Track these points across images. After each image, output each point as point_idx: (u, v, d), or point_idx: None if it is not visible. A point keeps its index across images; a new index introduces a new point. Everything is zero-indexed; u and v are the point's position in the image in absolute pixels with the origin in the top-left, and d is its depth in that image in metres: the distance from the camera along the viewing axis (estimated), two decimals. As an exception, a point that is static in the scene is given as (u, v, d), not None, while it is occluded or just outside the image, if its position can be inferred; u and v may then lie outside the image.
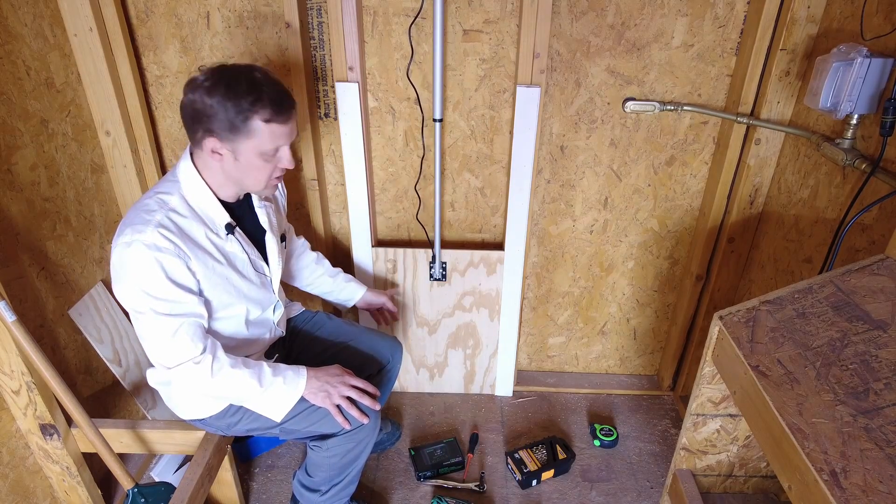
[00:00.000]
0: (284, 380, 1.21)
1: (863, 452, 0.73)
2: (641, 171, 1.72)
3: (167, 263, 1.07)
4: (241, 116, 1.06)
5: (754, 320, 1.01)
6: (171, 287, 1.08)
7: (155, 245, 1.05)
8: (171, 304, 1.09)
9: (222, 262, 1.18)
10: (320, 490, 1.38)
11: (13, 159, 1.34)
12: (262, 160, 1.12)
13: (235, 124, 1.06)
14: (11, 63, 1.32)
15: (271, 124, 1.08)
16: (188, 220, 1.13)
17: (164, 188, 1.15)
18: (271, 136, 1.10)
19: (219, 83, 1.05)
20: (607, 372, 2.14)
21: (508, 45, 1.56)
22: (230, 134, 1.07)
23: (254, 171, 1.14)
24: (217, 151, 1.10)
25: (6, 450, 1.31)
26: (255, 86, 1.06)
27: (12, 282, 1.32)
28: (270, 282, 1.32)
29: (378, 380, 1.57)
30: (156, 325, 1.09)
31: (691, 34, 1.52)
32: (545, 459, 1.74)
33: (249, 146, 1.09)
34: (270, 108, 1.07)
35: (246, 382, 1.16)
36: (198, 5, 1.53)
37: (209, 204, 1.16)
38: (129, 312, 1.12)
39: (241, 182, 1.17)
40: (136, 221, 1.08)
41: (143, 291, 1.07)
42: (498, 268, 1.79)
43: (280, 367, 1.23)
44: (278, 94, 1.09)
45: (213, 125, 1.07)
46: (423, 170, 1.73)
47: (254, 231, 1.28)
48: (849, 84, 1.15)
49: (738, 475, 1.27)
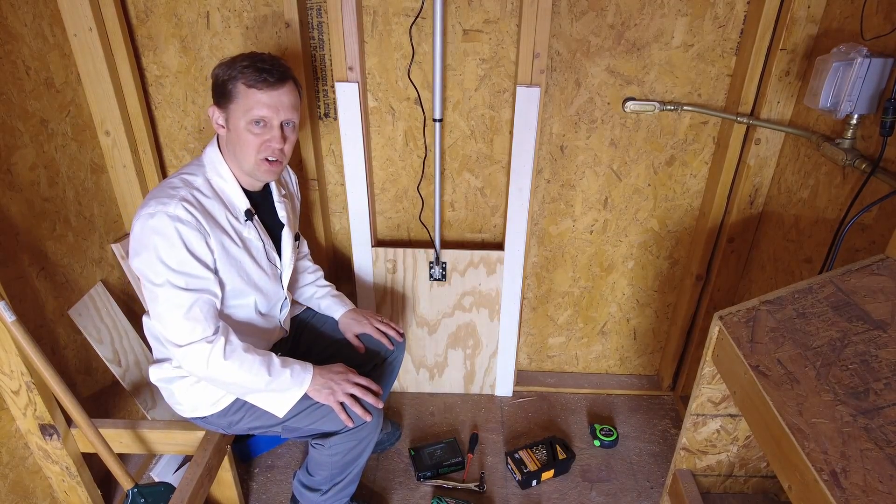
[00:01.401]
0: (292, 373, 1.22)
1: (863, 452, 0.73)
2: (641, 171, 1.72)
3: (188, 235, 1.10)
4: (230, 81, 1.14)
5: (754, 320, 1.01)
6: (190, 260, 1.11)
7: (178, 216, 1.09)
8: (188, 278, 1.11)
9: (239, 245, 1.21)
10: (321, 489, 1.38)
11: (13, 159, 1.34)
12: (247, 130, 1.16)
13: (225, 88, 1.15)
14: (11, 63, 1.32)
15: (251, 89, 1.14)
16: (211, 200, 1.17)
17: (190, 170, 1.20)
18: (254, 102, 1.14)
19: (232, 58, 1.16)
20: (607, 372, 2.14)
21: (508, 45, 1.56)
22: (223, 100, 1.16)
23: (241, 141, 1.18)
24: (219, 123, 1.18)
25: (6, 450, 1.31)
26: (252, 56, 1.16)
27: (12, 282, 1.33)
28: (281, 275, 1.34)
29: (381, 371, 1.58)
30: (171, 299, 1.11)
31: (691, 34, 1.52)
32: (545, 459, 1.74)
33: (235, 111, 1.16)
34: (254, 74, 1.13)
35: (256, 369, 1.18)
36: (197, 5, 1.53)
37: (232, 188, 1.21)
38: (145, 288, 1.14)
39: (237, 157, 1.20)
40: (161, 195, 1.12)
41: (161, 262, 1.09)
42: (498, 268, 1.79)
43: (288, 360, 1.25)
44: (270, 64, 1.15)
45: (215, 93, 1.17)
46: (424, 170, 1.73)
47: (271, 224, 1.32)
48: (849, 84, 1.15)
49: (738, 475, 1.27)
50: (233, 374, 1.17)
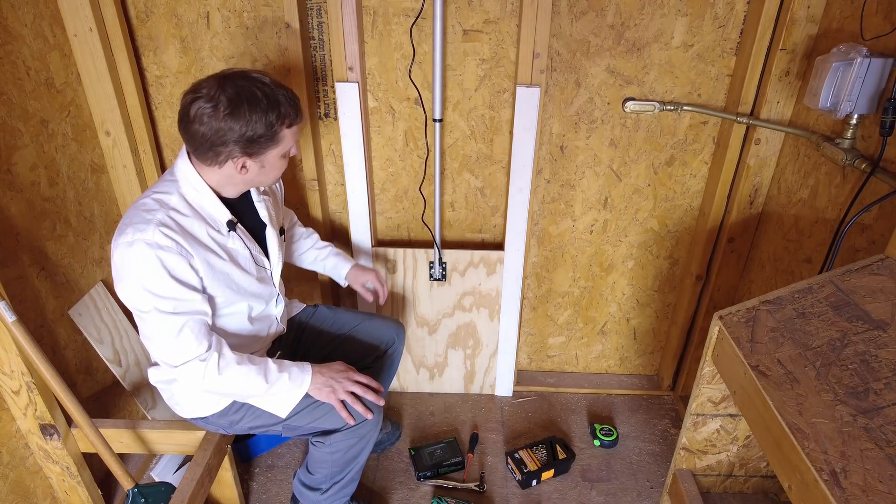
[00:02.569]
0: (290, 376, 1.22)
1: (863, 452, 0.73)
2: (641, 171, 1.72)
3: (169, 261, 1.07)
4: (270, 132, 1.11)
5: (754, 320, 1.01)
6: (175, 285, 1.08)
7: (157, 244, 1.05)
8: (175, 303, 1.09)
9: (224, 259, 1.19)
10: (321, 488, 1.39)
11: (13, 159, 1.34)
12: (284, 159, 1.19)
13: (265, 139, 1.11)
14: (11, 63, 1.32)
15: (293, 127, 1.15)
16: (189, 218, 1.13)
17: (162, 188, 1.15)
18: (293, 137, 1.17)
19: (239, 106, 1.06)
20: (607, 372, 2.14)
21: (508, 46, 1.56)
22: (259, 149, 1.12)
23: (275, 170, 1.19)
24: (245, 167, 1.14)
25: (6, 450, 1.31)
26: (272, 97, 1.09)
27: (12, 282, 1.33)
28: (271, 275, 1.33)
29: (382, 363, 1.58)
30: (160, 324, 1.09)
31: (691, 34, 1.52)
32: (545, 459, 1.74)
33: (275, 152, 1.15)
34: (293, 113, 1.13)
35: (252, 379, 1.17)
36: (198, 5, 1.53)
37: (210, 203, 1.17)
38: (133, 312, 1.12)
39: (257, 183, 1.21)
40: (137, 221, 1.08)
41: (146, 290, 1.07)
42: (498, 268, 1.79)
43: (285, 364, 1.23)
44: (292, 96, 1.14)
45: (242, 146, 1.10)
46: (425, 170, 1.73)
47: (254, 226, 1.29)
48: (848, 84, 1.15)
49: (738, 475, 1.27)
50: (230, 387, 1.17)
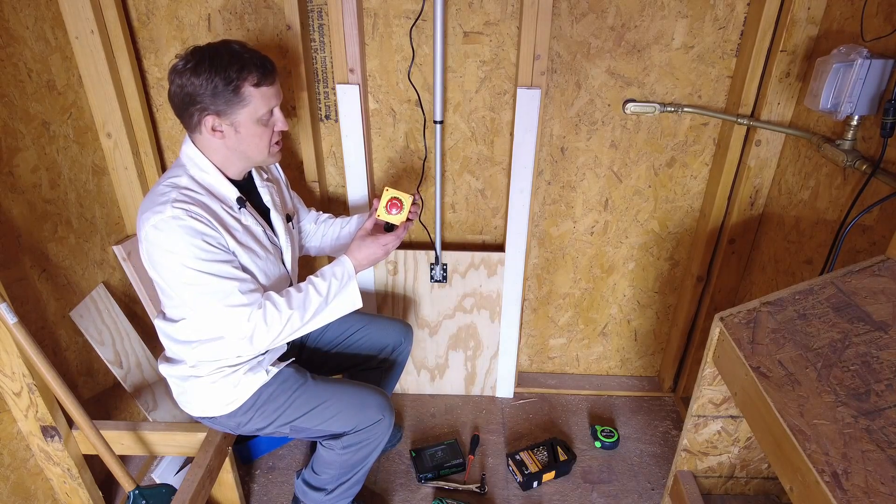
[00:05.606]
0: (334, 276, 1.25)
1: (864, 454, 0.73)
2: (642, 173, 1.72)
3: (198, 228, 1.10)
4: (231, 86, 1.10)
5: (755, 321, 1.01)
6: (210, 249, 1.11)
7: (178, 217, 1.09)
8: (218, 265, 1.12)
9: (243, 233, 1.21)
10: (326, 489, 1.39)
11: (15, 161, 1.34)
12: (260, 126, 1.17)
13: (228, 95, 1.11)
14: (13, 65, 1.33)
15: (261, 87, 1.13)
16: (202, 196, 1.16)
17: (172, 174, 1.19)
18: (263, 99, 1.14)
19: (202, 61, 1.09)
20: (608, 373, 2.14)
21: (509, 47, 1.56)
22: (226, 107, 1.12)
23: (255, 139, 1.18)
24: (217, 129, 1.15)
25: (7, 452, 1.31)
26: (237, 55, 1.11)
27: (13, 284, 1.33)
28: (283, 255, 1.34)
29: (389, 364, 1.59)
30: (213, 290, 1.12)
31: (691, 35, 1.52)
32: (546, 461, 1.74)
33: (245, 114, 1.14)
34: (257, 73, 1.12)
35: (308, 301, 1.21)
36: (199, 7, 1.54)
37: (218, 181, 1.20)
38: (176, 292, 1.15)
39: (245, 153, 1.20)
40: (153, 205, 1.11)
41: (184, 265, 1.09)
42: (499, 269, 1.79)
43: (324, 272, 1.26)
44: (260, 59, 1.14)
45: (207, 103, 1.11)
46: (425, 171, 1.73)
47: (259, 209, 1.32)
48: (849, 85, 1.15)
49: (739, 477, 1.27)
50: (294, 320, 1.19)
